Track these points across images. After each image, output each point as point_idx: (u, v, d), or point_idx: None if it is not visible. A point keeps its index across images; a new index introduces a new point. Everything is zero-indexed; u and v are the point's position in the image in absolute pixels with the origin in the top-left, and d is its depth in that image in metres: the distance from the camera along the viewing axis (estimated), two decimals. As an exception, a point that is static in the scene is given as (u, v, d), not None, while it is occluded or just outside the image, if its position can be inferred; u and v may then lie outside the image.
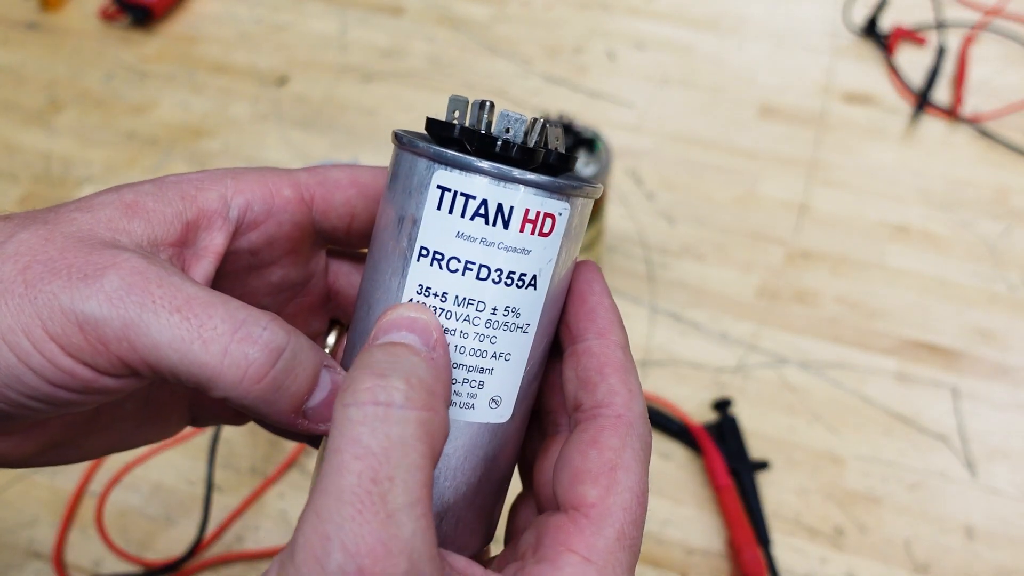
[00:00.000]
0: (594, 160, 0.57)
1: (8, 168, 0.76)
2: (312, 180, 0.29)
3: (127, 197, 0.25)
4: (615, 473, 0.25)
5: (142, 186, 0.26)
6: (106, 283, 0.22)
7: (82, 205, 0.25)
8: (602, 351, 0.27)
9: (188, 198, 0.26)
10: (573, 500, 0.25)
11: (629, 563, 0.24)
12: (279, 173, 0.28)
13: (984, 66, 0.82)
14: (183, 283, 0.23)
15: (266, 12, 0.91)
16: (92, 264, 0.23)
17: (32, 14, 0.91)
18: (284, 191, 0.28)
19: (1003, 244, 0.68)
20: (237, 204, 0.27)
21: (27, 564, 0.53)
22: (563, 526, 0.24)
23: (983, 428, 0.58)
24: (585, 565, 0.23)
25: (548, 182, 0.24)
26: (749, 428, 0.58)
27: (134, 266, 0.23)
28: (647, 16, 0.89)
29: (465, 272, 0.25)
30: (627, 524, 0.24)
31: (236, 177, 0.27)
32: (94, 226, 0.24)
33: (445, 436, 0.23)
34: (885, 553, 0.53)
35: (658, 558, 0.53)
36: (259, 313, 0.24)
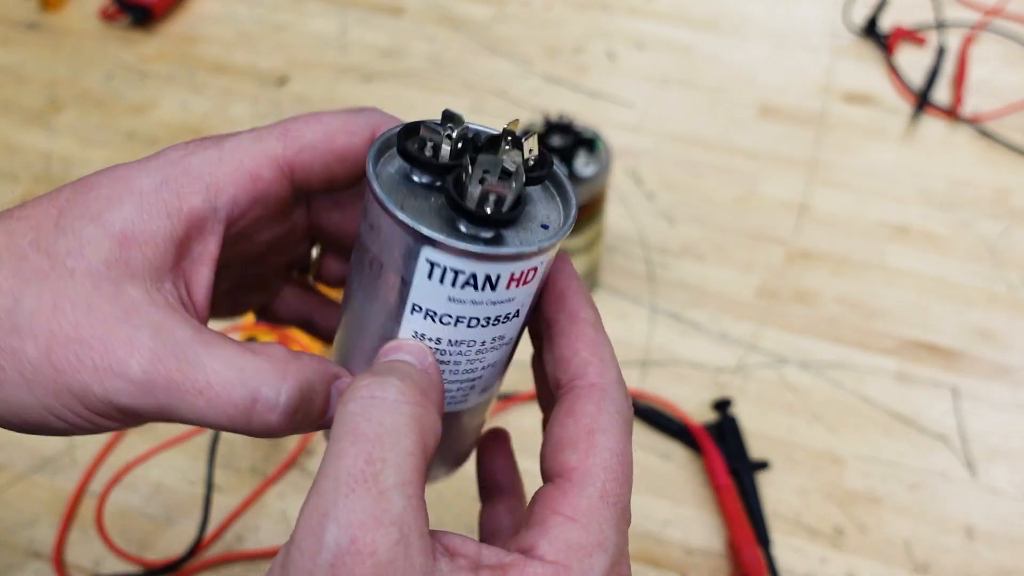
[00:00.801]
0: (594, 160, 0.57)
1: (8, 168, 0.76)
2: (289, 152, 0.28)
3: (114, 228, 0.25)
4: (592, 436, 0.26)
5: (123, 207, 0.25)
6: (131, 374, 0.24)
7: (72, 248, 0.25)
8: (572, 329, 0.28)
9: (174, 213, 0.26)
10: (557, 468, 0.26)
11: (615, 519, 0.26)
12: (255, 152, 0.28)
13: (984, 66, 0.82)
14: (198, 355, 0.24)
15: (266, 12, 0.91)
16: (112, 348, 0.24)
17: (32, 14, 0.91)
18: (264, 173, 0.28)
19: (1003, 244, 0.68)
20: (223, 204, 0.27)
21: (27, 564, 0.53)
22: (549, 492, 0.26)
23: (983, 428, 0.58)
24: (570, 524, 0.25)
25: (533, 250, 0.25)
26: (749, 428, 0.58)
27: (151, 348, 0.24)
28: (647, 16, 0.89)
29: (457, 324, 0.26)
30: (608, 482, 0.26)
31: (214, 169, 0.27)
32: (96, 277, 0.24)
33: (437, 436, 0.24)
34: (885, 553, 0.53)
35: (658, 558, 0.53)
36: (271, 370, 0.25)
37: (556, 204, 0.28)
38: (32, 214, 0.25)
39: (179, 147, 0.28)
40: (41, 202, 0.26)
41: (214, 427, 0.25)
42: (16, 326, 0.24)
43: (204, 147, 0.27)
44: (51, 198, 0.26)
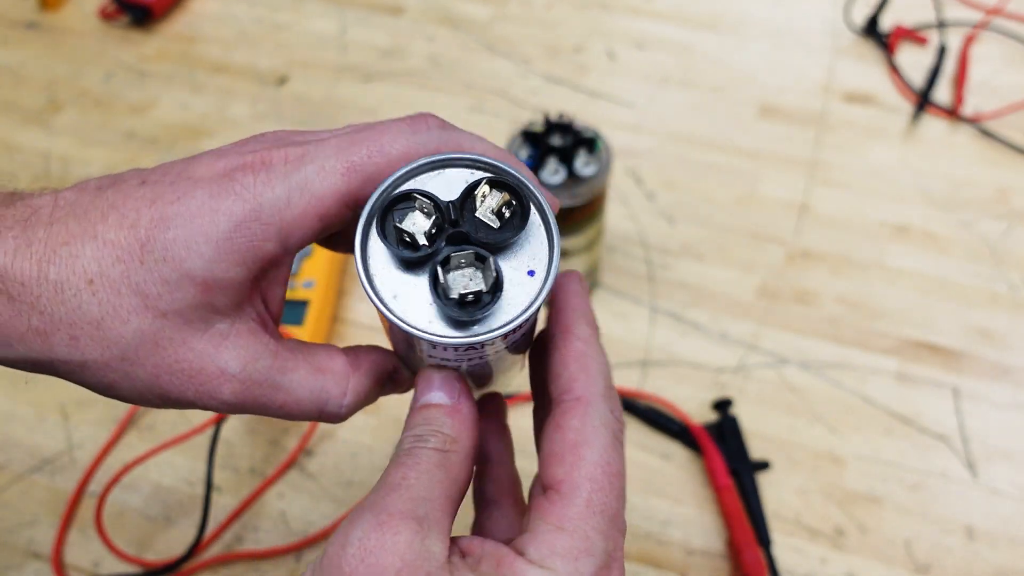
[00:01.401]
0: (594, 160, 0.57)
1: (8, 168, 0.76)
2: (354, 186, 0.29)
3: (197, 277, 0.27)
4: (578, 449, 0.29)
5: (202, 254, 0.27)
6: (224, 398, 0.29)
7: (162, 292, 0.27)
8: (564, 346, 0.31)
9: (250, 259, 0.28)
10: (547, 480, 0.29)
11: (603, 526, 0.28)
12: (322, 192, 0.28)
13: (985, 65, 0.82)
14: (276, 382, 0.30)
15: (266, 12, 0.91)
16: (207, 380, 0.29)
17: (31, 14, 0.91)
18: (331, 211, 0.28)
19: (1004, 244, 0.68)
20: (293, 243, 0.29)
21: (26, 564, 0.53)
22: (540, 503, 0.28)
23: (984, 428, 0.58)
24: (558, 532, 0.27)
25: (515, 324, 0.27)
26: (749, 428, 0.58)
27: (239, 380, 0.29)
28: (647, 16, 0.89)
29: (469, 362, 0.30)
30: (594, 492, 0.28)
31: (284, 213, 0.28)
32: (187, 318, 0.28)
33: (468, 473, 0.29)
34: (885, 553, 0.53)
35: (658, 558, 0.53)
36: (335, 387, 0.31)
37: (541, 235, 0.29)
38: (115, 239, 0.27)
39: (245, 172, 0.28)
40: (121, 225, 0.27)
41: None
42: (125, 356, 0.28)
43: (270, 181, 0.28)
44: (131, 223, 0.27)
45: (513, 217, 0.28)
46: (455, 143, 0.30)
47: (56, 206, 0.28)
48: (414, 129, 0.29)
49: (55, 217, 0.28)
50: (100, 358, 0.28)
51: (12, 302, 0.27)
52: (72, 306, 0.27)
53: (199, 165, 0.29)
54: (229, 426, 0.58)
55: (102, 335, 0.27)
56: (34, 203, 0.28)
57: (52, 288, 0.27)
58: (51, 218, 0.28)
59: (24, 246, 0.27)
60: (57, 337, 0.27)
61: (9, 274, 0.27)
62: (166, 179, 0.28)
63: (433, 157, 0.28)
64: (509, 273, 0.28)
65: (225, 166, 0.28)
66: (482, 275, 0.27)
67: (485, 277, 0.27)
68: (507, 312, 0.27)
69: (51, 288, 0.27)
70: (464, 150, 0.29)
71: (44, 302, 0.27)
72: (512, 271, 0.28)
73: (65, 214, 0.28)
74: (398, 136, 0.29)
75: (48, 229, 0.27)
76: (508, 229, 0.28)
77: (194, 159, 0.29)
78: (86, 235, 0.27)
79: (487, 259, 0.27)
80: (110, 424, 0.59)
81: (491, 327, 0.27)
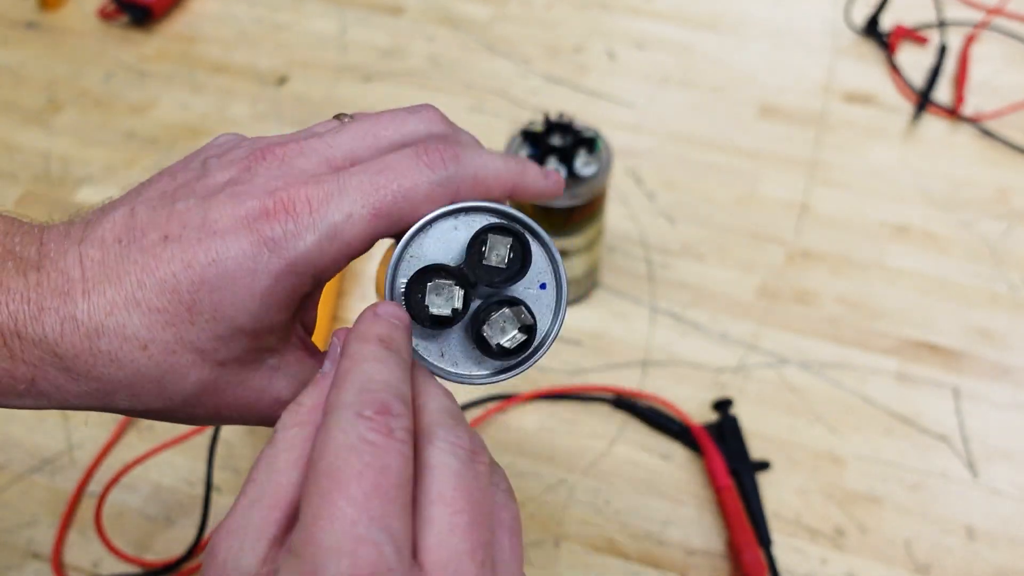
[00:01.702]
0: (594, 160, 0.57)
1: (7, 168, 0.76)
2: (381, 229, 0.29)
3: (247, 328, 0.28)
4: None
5: (248, 309, 0.28)
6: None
7: (217, 346, 0.29)
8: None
9: (292, 304, 0.29)
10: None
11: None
12: (352, 239, 0.29)
13: (985, 65, 0.82)
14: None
15: (265, 12, 0.91)
16: (265, 409, 0.31)
17: (31, 13, 0.91)
18: (360, 249, 0.29)
19: (1004, 244, 0.68)
20: (326, 280, 0.30)
21: (26, 565, 0.53)
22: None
23: (984, 428, 0.58)
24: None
25: (551, 339, 0.31)
26: (749, 428, 0.58)
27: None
28: (647, 16, 0.89)
29: None
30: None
31: (318, 261, 0.28)
32: (241, 362, 0.30)
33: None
34: (886, 554, 0.53)
35: (658, 558, 0.53)
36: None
37: (539, 251, 0.31)
38: (160, 306, 0.28)
39: (271, 222, 0.28)
40: (162, 292, 0.28)
41: None
42: (187, 402, 0.29)
43: (300, 233, 0.28)
44: (171, 289, 0.28)
45: (516, 254, 0.30)
46: (470, 175, 0.31)
47: (85, 270, 0.28)
48: (432, 168, 0.30)
49: (89, 285, 0.28)
50: (163, 407, 0.29)
51: (67, 372, 0.28)
52: (130, 371, 0.28)
53: (216, 211, 0.28)
54: (229, 426, 0.58)
55: (162, 390, 0.29)
56: (63, 268, 0.28)
57: (106, 358, 0.28)
58: (85, 286, 0.28)
59: (69, 319, 0.28)
60: (119, 396, 0.29)
61: (60, 349, 0.28)
62: (189, 233, 0.28)
63: (447, 208, 0.30)
64: (523, 292, 0.31)
65: (247, 213, 0.28)
66: (515, 317, 0.30)
67: (521, 318, 0.30)
68: (541, 330, 0.31)
69: (105, 358, 0.28)
70: (479, 180, 0.31)
71: (100, 370, 0.28)
72: (525, 289, 0.31)
73: (98, 280, 0.28)
74: (419, 180, 0.30)
75: (87, 300, 0.28)
76: (514, 264, 0.30)
77: (208, 202, 0.28)
78: (128, 304, 0.28)
79: (518, 304, 0.30)
80: (110, 424, 0.59)
81: (533, 353, 0.31)
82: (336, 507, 0.22)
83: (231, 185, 0.29)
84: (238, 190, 0.29)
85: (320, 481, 0.23)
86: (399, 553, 0.22)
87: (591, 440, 0.58)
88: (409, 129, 0.32)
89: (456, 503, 0.24)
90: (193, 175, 0.30)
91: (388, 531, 0.22)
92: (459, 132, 0.33)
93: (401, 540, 0.23)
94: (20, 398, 0.29)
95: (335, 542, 0.22)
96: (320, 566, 0.22)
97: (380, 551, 0.22)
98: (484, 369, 0.31)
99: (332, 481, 0.23)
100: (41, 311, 0.28)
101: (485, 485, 0.26)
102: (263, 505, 0.25)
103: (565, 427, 0.58)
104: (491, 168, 0.31)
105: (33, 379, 0.28)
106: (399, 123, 0.32)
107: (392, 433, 0.24)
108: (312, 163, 0.30)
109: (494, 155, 0.32)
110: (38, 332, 0.27)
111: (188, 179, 0.30)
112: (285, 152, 0.30)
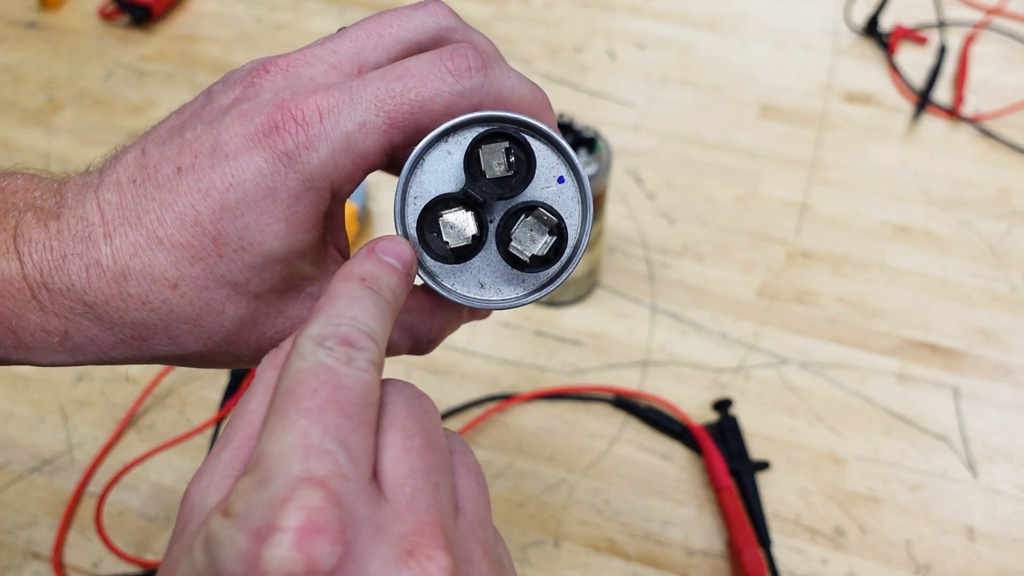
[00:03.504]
0: (594, 160, 0.57)
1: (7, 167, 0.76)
2: (397, 140, 0.28)
3: (279, 254, 0.28)
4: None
5: (276, 233, 0.27)
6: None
7: (250, 276, 0.28)
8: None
9: (316, 224, 0.28)
10: None
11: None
12: (366, 151, 0.28)
13: (985, 65, 0.82)
14: None
15: (265, 11, 0.91)
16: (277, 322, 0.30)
17: (31, 13, 0.91)
18: (375, 163, 0.28)
19: (1005, 244, 0.68)
20: (343, 195, 0.29)
21: (26, 565, 0.53)
22: None
23: (984, 428, 0.58)
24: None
25: (587, 232, 0.30)
26: (750, 428, 0.58)
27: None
28: (647, 15, 0.89)
29: None
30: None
31: (333, 173, 0.27)
32: (278, 291, 0.29)
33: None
34: (886, 554, 0.53)
35: (658, 558, 0.53)
36: (419, 323, 0.31)
37: (548, 146, 0.29)
38: (184, 242, 0.27)
39: (281, 135, 0.27)
40: (183, 226, 0.27)
41: None
42: (228, 340, 0.29)
43: (312, 145, 0.27)
44: (192, 222, 0.27)
45: (519, 157, 0.28)
46: (495, 92, 0.29)
47: (103, 213, 0.27)
48: (457, 76, 0.28)
49: (110, 228, 0.27)
50: (204, 348, 0.28)
51: (100, 320, 0.27)
52: (163, 312, 0.27)
53: (226, 133, 0.27)
54: (229, 426, 0.58)
55: (201, 329, 0.28)
56: (82, 214, 0.28)
57: (138, 301, 0.27)
58: (106, 230, 0.27)
59: (94, 265, 0.27)
60: (155, 340, 0.28)
61: (89, 297, 0.27)
62: (201, 161, 0.27)
63: (434, 134, 0.28)
64: (542, 192, 0.29)
65: (256, 130, 0.27)
66: (539, 220, 0.28)
67: (545, 220, 0.28)
68: (572, 225, 0.29)
69: (136, 302, 0.27)
70: (502, 101, 0.29)
71: (132, 315, 0.27)
72: (544, 190, 0.29)
73: (119, 222, 0.27)
74: (441, 88, 0.28)
75: (110, 244, 0.27)
76: (519, 168, 0.28)
77: (217, 125, 0.27)
78: (152, 243, 0.27)
79: (536, 207, 0.28)
80: (110, 424, 0.59)
81: (572, 251, 0.29)
82: (289, 419, 0.22)
83: (237, 104, 0.28)
84: (245, 108, 0.27)
85: (276, 403, 0.23)
86: (355, 464, 0.22)
87: (591, 440, 0.58)
88: (415, 24, 0.30)
89: (409, 429, 0.24)
90: (199, 104, 0.29)
91: (343, 443, 0.22)
92: (471, 31, 0.31)
93: (358, 454, 0.22)
94: (56, 353, 0.28)
95: (287, 448, 0.21)
96: (271, 472, 0.21)
97: (334, 459, 0.21)
98: (529, 286, 0.30)
99: (287, 399, 0.22)
100: (64, 259, 0.27)
101: (435, 421, 0.25)
102: (232, 446, 0.24)
103: (565, 427, 0.58)
104: (517, 92, 0.29)
105: (66, 331, 0.27)
106: (404, 19, 0.30)
107: (351, 362, 0.23)
108: (319, 71, 0.28)
109: (521, 77, 0.30)
110: (64, 282, 0.27)
111: (194, 110, 0.29)
112: (288, 63, 0.29)
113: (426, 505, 0.23)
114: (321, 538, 0.20)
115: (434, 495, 0.23)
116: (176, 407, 0.60)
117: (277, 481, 0.21)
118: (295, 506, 0.20)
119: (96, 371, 0.62)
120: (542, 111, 0.30)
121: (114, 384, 0.61)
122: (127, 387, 0.61)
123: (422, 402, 0.26)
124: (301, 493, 0.20)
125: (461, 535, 0.24)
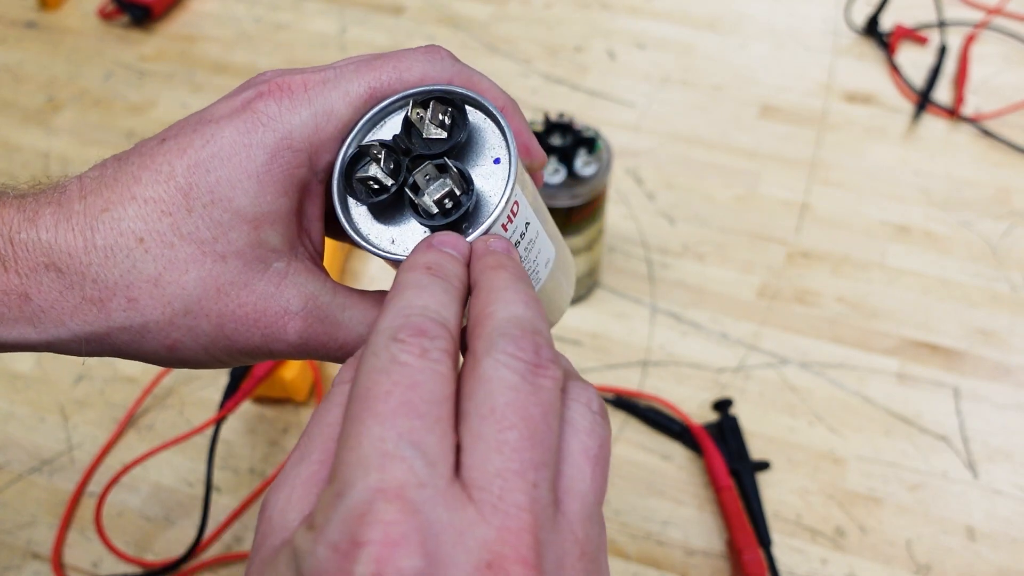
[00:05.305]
0: (594, 160, 0.57)
1: (7, 168, 0.76)
2: (376, 110, 0.30)
3: (247, 214, 0.28)
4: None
5: (247, 191, 0.28)
6: (290, 340, 0.29)
7: (216, 235, 0.28)
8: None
9: (290, 189, 0.28)
10: None
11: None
12: (347, 118, 0.29)
13: (986, 65, 0.82)
14: (338, 320, 0.30)
15: (265, 11, 0.91)
16: (272, 321, 0.29)
17: (30, 13, 0.91)
18: (352, 119, 0.30)
19: (1005, 244, 0.68)
20: (321, 168, 0.29)
21: (26, 565, 0.53)
22: None
23: (985, 428, 0.58)
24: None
25: (505, 203, 0.29)
26: (750, 428, 0.57)
27: (302, 318, 0.29)
28: (647, 15, 0.89)
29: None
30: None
31: (312, 138, 0.28)
32: (245, 259, 0.28)
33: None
34: (886, 554, 0.53)
35: (658, 559, 0.53)
36: None
37: (491, 128, 0.30)
38: (155, 196, 0.27)
39: (266, 101, 0.28)
40: (156, 181, 0.27)
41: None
42: (188, 309, 0.28)
43: (295, 107, 0.28)
44: (166, 177, 0.27)
45: (455, 120, 0.29)
46: (466, 76, 0.31)
47: (83, 183, 0.28)
48: (429, 57, 0.30)
49: (87, 191, 0.28)
50: (162, 317, 0.28)
51: (62, 275, 0.27)
52: (125, 267, 0.27)
53: (215, 108, 0.29)
54: (229, 426, 0.58)
55: (162, 291, 0.27)
56: (60, 184, 0.28)
57: (102, 254, 0.27)
58: (82, 192, 0.28)
59: (64, 219, 0.27)
60: (114, 302, 0.27)
61: (55, 247, 0.27)
62: (186, 130, 0.28)
63: (427, 87, 0.30)
64: (477, 171, 0.30)
65: (243, 100, 0.28)
66: (449, 178, 0.28)
67: (452, 178, 0.28)
68: (493, 202, 0.29)
69: (101, 254, 0.27)
70: (473, 84, 0.30)
71: (95, 269, 0.27)
72: (479, 168, 0.30)
73: (96, 186, 0.28)
74: (415, 63, 0.30)
75: (83, 201, 0.27)
76: (455, 132, 0.29)
77: (207, 108, 0.29)
78: (124, 198, 0.27)
79: (446, 164, 0.28)
80: (110, 424, 0.59)
81: (483, 220, 0.28)
82: (364, 426, 0.21)
83: (231, 94, 0.30)
84: (234, 91, 0.29)
85: (352, 408, 0.22)
86: (432, 468, 0.21)
87: (591, 440, 0.58)
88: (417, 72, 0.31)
89: (506, 419, 0.22)
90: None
91: (419, 447, 0.21)
92: (474, 73, 0.33)
93: (435, 456, 0.21)
94: (14, 323, 0.27)
95: (362, 457, 0.21)
96: (347, 484, 0.21)
97: (410, 466, 0.21)
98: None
99: (361, 404, 0.22)
100: (36, 215, 0.27)
101: (548, 401, 0.23)
102: (311, 460, 0.23)
103: (565, 427, 0.58)
104: (488, 86, 0.31)
105: (26, 293, 0.27)
106: (405, 66, 0.31)
107: (426, 354, 0.22)
108: (315, 69, 0.30)
109: (495, 84, 0.31)
110: (32, 236, 0.27)
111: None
112: (288, 70, 0.31)
113: (516, 508, 0.21)
114: (400, 551, 0.20)
115: (528, 495, 0.21)
116: (176, 407, 0.60)
117: (354, 493, 0.20)
118: (372, 519, 0.20)
119: (96, 371, 0.62)
120: (510, 108, 0.31)
121: (114, 384, 0.61)
122: (127, 387, 0.61)
123: (536, 380, 0.23)
124: (378, 506, 0.20)
125: (558, 537, 0.22)
